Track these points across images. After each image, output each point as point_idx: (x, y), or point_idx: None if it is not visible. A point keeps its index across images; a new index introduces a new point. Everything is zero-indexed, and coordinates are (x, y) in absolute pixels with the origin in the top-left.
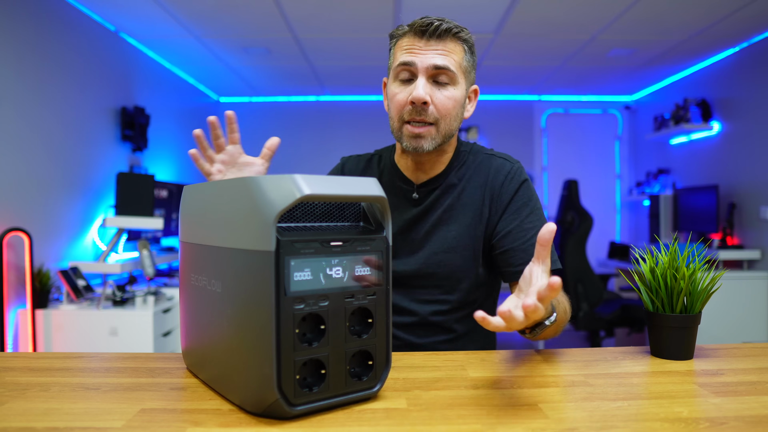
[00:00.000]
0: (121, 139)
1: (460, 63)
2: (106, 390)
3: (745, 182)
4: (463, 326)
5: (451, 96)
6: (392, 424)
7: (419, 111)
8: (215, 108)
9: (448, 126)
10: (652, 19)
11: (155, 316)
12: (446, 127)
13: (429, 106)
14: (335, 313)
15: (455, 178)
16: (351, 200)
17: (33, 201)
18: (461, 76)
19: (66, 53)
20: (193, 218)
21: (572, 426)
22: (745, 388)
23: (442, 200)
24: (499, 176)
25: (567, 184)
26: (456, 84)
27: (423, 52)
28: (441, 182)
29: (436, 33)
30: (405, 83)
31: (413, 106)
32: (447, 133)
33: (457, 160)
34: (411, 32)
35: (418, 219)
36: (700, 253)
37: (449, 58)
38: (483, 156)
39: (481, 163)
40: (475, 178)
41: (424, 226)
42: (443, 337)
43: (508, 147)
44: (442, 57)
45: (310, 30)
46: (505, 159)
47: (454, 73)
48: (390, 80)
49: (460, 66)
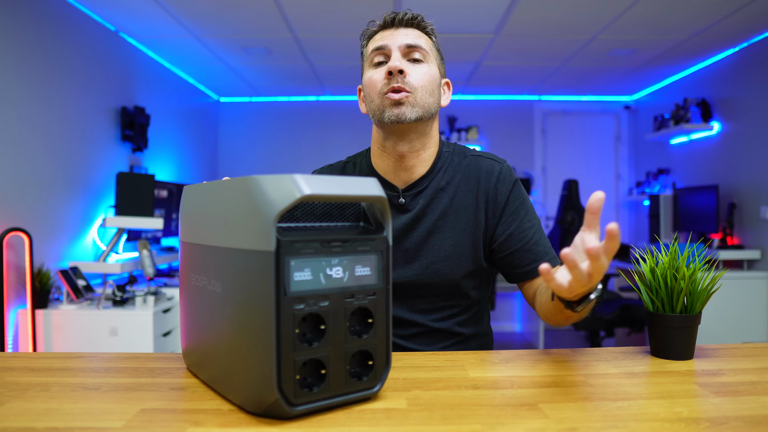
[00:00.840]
0: (121, 139)
1: (429, 47)
2: (106, 390)
3: (745, 182)
4: (468, 328)
5: (426, 71)
6: (392, 424)
7: (397, 79)
8: (215, 108)
9: (425, 99)
10: (652, 19)
11: (155, 316)
12: (423, 99)
13: (405, 76)
14: (335, 313)
15: (443, 180)
16: (351, 200)
17: (33, 201)
18: (432, 58)
19: (66, 53)
20: (193, 218)
21: (572, 426)
22: (745, 388)
23: (434, 206)
24: (491, 179)
25: (567, 184)
26: (429, 62)
27: (394, 35)
28: (426, 185)
29: (403, 21)
30: (380, 66)
31: (390, 77)
32: (425, 107)
33: (440, 161)
34: (380, 26)
35: (409, 227)
36: (700, 253)
37: (419, 39)
38: (470, 158)
39: (469, 166)
40: (466, 182)
41: (417, 234)
42: (448, 342)
43: (508, 147)
44: (412, 36)
45: (310, 30)
46: (493, 160)
47: (426, 51)
48: (365, 71)
49: (430, 50)
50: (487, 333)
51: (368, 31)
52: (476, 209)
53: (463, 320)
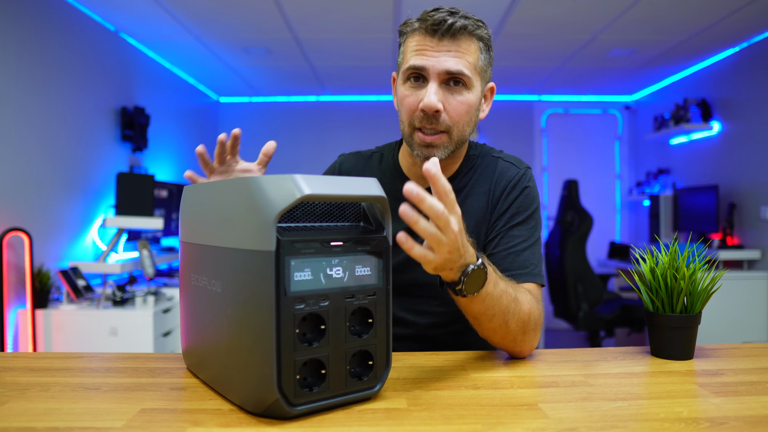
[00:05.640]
0: (121, 139)
1: (475, 64)
2: (106, 390)
3: (745, 182)
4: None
5: (465, 101)
6: (392, 424)
7: (430, 119)
8: (215, 108)
9: (461, 132)
10: (652, 19)
11: (155, 316)
12: (459, 134)
13: (441, 114)
14: (335, 313)
15: (461, 183)
16: (351, 200)
17: (33, 201)
18: (476, 77)
19: (66, 53)
20: (193, 218)
21: (572, 426)
22: (745, 388)
23: None
24: (502, 181)
25: (567, 184)
26: (471, 88)
27: (435, 54)
28: None
29: (449, 32)
30: (415, 85)
31: (424, 113)
32: (460, 140)
33: (466, 165)
34: (421, 29)
35: None
36: (700, 253)
37: (463, 60)
38: (491, 159)
39: (487, 167)
40: (480, 184)
41: None
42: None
43: (508, 147)
44: (455, 60)
45: (310, 30)
46: (511, 163)
47: (469, 76)
48: (400, 80)
49: (476, 67)
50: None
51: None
52: (485, 211)
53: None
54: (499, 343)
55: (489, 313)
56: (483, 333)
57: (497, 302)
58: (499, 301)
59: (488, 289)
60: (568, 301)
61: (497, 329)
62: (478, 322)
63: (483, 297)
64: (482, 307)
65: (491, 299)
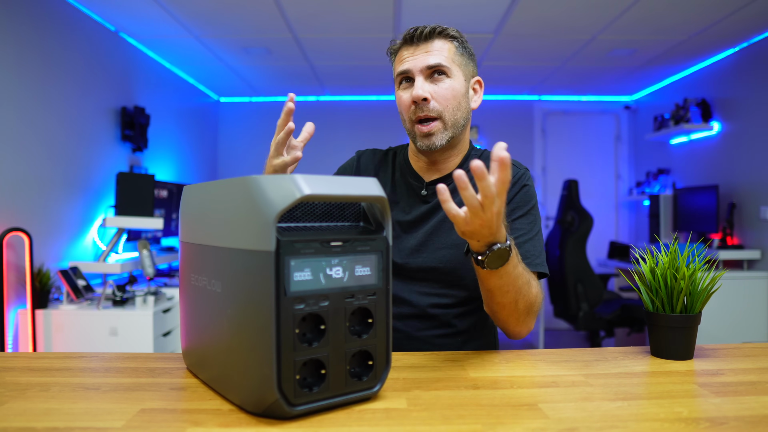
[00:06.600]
0: (121, 139)
1: (452, 57)
2: (106, 390)
3: (745, 182)
4: (463, 323)
5: (449, 87)
6: (392, 424)
7: (422, 108)
8: (215, 108)
9: (453, 116)
10: (652, 19)
11: (155, 316)
12: (451, 118)
13: (430, 102)
14: (335, 313)
15: None
16: (351, 200)
17: (33, 201)
18: (455, 67)
19: (66, 53)
20: (193, 218)
21: (572, 426)
22: (745, 388)
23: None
24: None
25: (567, 184)
26: (452, 76)
27: (415, 56)
28: (450, 181)
29: (422, 36)
30: (407, 86)
31: (416, 105)
32: (454, 124)
33: (467, 161)
34: (402, 43)
35: (426, 215)
36: (700, 253)
37: (439, 54)
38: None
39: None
40: None
41: (431, 222)
42: (441, 331)
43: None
44: (432, 56)
45: (310, 30)
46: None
47: (448, 66)
48: (396, 88)
49: (453, 60)
50: (486, 333)
51: (392, 48)
52: None
53: (460, 313)
54: (505, 320)
55: (504, 289)
56: (492, 307)
57: (513, 281)
58: (515, 281)
59: (508, 269)
60: (568, 301)
61: (507, 305)
62: (491, 294)
63: (501, 273)
64: (499, 282)
65: (508, 277)
